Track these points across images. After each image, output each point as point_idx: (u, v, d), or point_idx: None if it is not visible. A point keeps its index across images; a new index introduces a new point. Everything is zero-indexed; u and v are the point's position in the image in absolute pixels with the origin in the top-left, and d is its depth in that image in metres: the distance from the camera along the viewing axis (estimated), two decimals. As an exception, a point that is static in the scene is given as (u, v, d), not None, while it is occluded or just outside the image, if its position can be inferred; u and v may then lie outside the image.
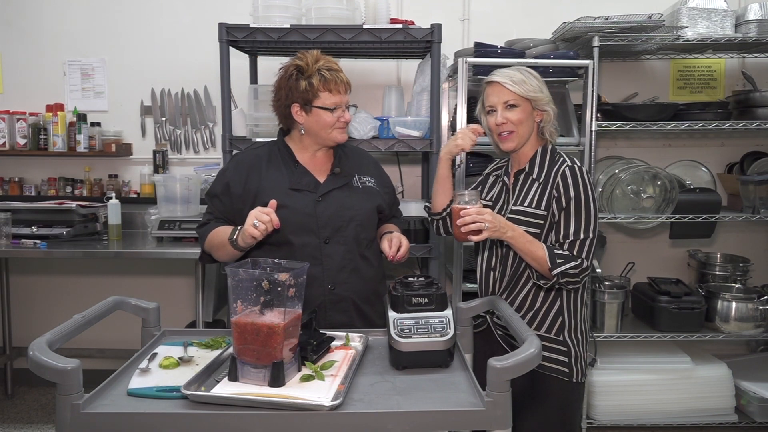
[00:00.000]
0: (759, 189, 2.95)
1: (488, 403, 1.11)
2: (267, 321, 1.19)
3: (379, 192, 1.90)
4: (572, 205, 1.69)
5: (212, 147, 3.47)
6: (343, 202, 1.80)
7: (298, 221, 1.74)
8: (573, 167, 1.73)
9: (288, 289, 1.20)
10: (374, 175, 1.93)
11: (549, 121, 1.79)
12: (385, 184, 1.97)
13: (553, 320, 1.77)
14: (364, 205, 1.83)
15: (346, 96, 1.80)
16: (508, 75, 1.75)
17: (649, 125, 2.87)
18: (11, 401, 3.42)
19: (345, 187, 1.83)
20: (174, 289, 3.54)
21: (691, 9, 2.87)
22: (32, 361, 1.09)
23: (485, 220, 1.60)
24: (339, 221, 1.78)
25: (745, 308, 2.92)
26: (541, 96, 1.75)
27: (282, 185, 1.78)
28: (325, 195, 1.79)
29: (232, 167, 1.85)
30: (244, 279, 1.21)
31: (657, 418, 2.99)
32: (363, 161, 1.95)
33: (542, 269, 1.68)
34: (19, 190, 3.45)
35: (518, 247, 1.68)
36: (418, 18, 2.84)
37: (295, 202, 1.76)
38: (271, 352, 1.19)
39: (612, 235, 3.39)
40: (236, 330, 1.21)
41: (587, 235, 1.69)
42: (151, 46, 3.43)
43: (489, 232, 1.61)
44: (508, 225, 1.66)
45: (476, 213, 1.60)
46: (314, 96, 1.74)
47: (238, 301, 1.22)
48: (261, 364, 1.20)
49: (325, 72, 1.74)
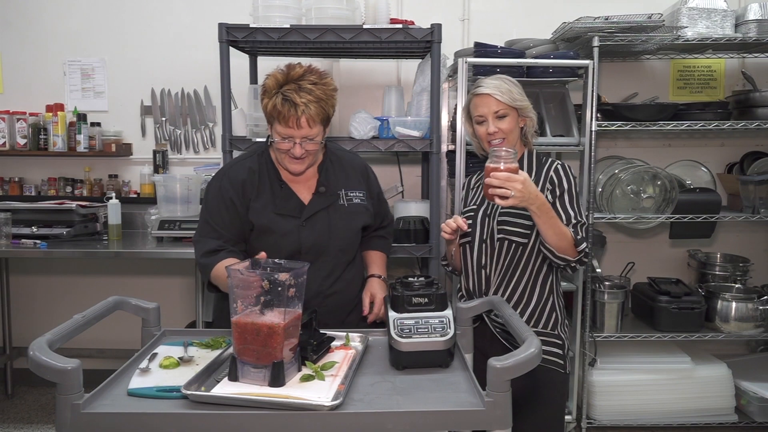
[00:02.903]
0: (759, 189, 2.95)
1: (488, 403, 1.11)
2: (267, 321, 1.19)
3: (367, 207, 1.85)
4: (566, 195, 1.80)
5: (212, 147, 3.47)
6: (328, 224, 1.75)
7: (284, 247, 1.70)
8: (563, 164, 1.86)
9: (288, 289, 1.20)
10: (362, 186, 1.87)
11: (531, 126, 1.89)
12: (373, 192, 1.91)
13: (548, 316, 1.84)
14: (349, 228, 1.79)
15: (303, 130, 1.63)
16: (496, 86, 1.81)
17: (648, 125, 2.87)
18: (11, 401, 3.42)
19: (330, 208, 1.78)
20: (174, 289, 3.54)
21: (691, 9, 2.87)
22: (32, 361, 1.09)
23: (514, 188, 1.56)
24: (322, 246, 1.74)
25: (745, 308, 2.92)
26: (526, 104, 1.85)
27: (268, 209, 1.73)
28: (309, 218, 1.74)
29: (227, 185, 1.74)
30: (244, 279, 1.21)
31: (657, 418, 2.99)
32: (350, 171, 1.87)
33: (564, 245, 1.70)
34: (19, 190, 3.45)
35: (543, 220, 1.66)
36: (418, 18, 2.84)
37: (281, 227, 1.71)
38: (271, 352, 1.19)
39: (612, 235, 3.39)
40: (236, 330, 1.21)
41: (582, 219, 1.79)
42: (151, 46, 3.43)
43: (516, 200, 1.57)
44: (538, 197, 1.62)
45: (506, 179, 1.56)
46: (269, 118, 1.67)
47: (238, 300, 1.22)
48: (261, 364, 1.20)
49: (279, 100, 1.61)
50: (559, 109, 3.02)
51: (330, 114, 1.70)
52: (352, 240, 1.82)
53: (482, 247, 1.85)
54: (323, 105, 1.65)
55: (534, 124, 1.89)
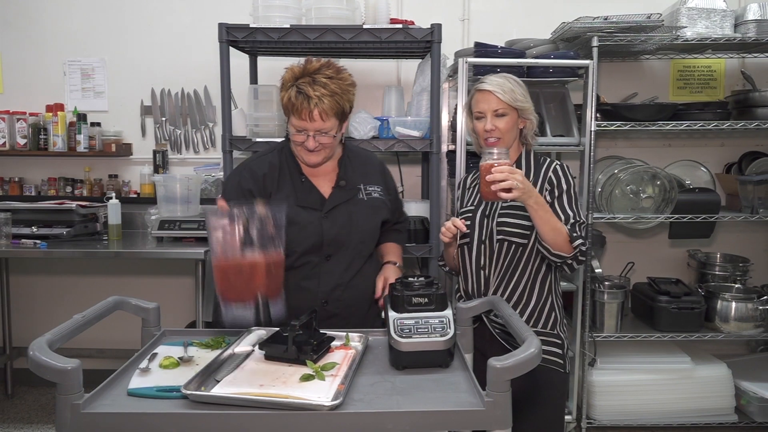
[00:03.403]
0: (758, 189, 2.95)
1: (488, 403, 1.11)
2: (249, 259, 1.18)
3: (385, 202, 1.86)
4: (564, 195, 1.79)
5: (212, 147, 3.47)
6: (349, 217, 1.77)
7: (305, 239, 1.72)
8: (562, 164, 1.85)
9: (266, 223, 1.19)
10: (380, 182, 1.89)
11: (531, 129, 1.88)
12: (390, 188, 1.94)
13: (547, 315, 1.84)
14: (370, 221, 1.80)
15: (316, 123, 1.65)
16: (499, 84, 1.80)
17: (648, 125, 2.87)
18: (11, 401, 3.42)
19: (351, 201, 1.79)
20: (174, 289, 3.54)
21: (691, 9, 2.87)
22: (32, 361, 1.09)
23: (516, 180, 1.59)
24: (343, 238, 1.75)
25: (745, 308, 2.92)
26: (528, 106, 1.83)
27: (289, 201, 1.73)
28: (331, 211, 1.76)
29: (247, 176, 1.77)
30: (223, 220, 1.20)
31: (657, 418, 2.99)
32: (369, 167, 1.89)
33: (559, 241, 1.70)
34: (19, 190, 3.45)
35: (540, 215, 1.67)
36: (418, 18, 2.84)
37: (302, 219, 1.73)
38: (254, 288, 1.18)
39: (611, 235, 3.39)
40: (218, 273, 1.20)
41: (581, 219, 1.78)
42: (151, 46, 3.43)
43: (519, 192, 1.59)
44: (534, 191, 1.65)
45: (509, 171, 1.59)
46: (285, 111, 1.71)
47: (218, 244, 1.21)
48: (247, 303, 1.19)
49: (293, 93, 1.64)
50: (559, 109, 3.03)
51: (346, 109, 1.71)
52: (373, 234, 1.83)
53: (481, 248, 1.85)
54: (338, 99, 1.66)
55: (534, 127, 1.88)
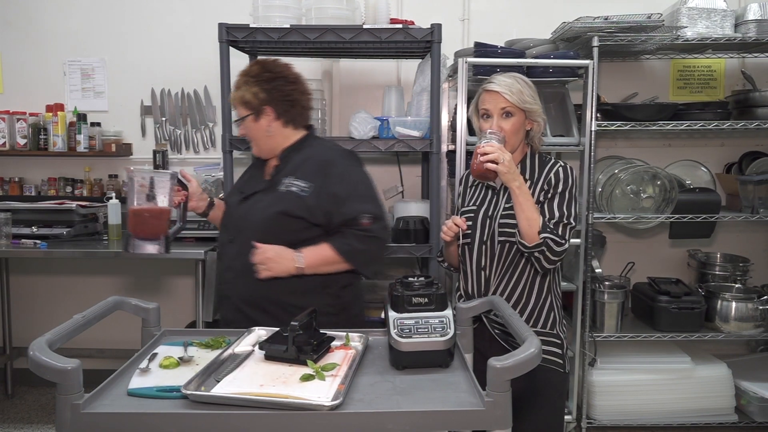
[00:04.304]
0: (758, 189, 2.95)
1: (488, 403, 1.11)
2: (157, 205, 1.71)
3: (301, 197, 1.77)
4: (558, 196, 1.78)
5: (212, 147, 3.47)
6: (254, 205, 1.85)
7: (224, 220, 1.96)
8: (566, 166, 1.82)
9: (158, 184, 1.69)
10: (313, 179, 1.79)
11: (538, 131, 1.86)
12: (325, 188, 1.78)
13: (547, 315, 1.83)
14: (266, 210, 1.80)
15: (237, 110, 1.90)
16: (507, 84, 1.79)
17: (648, 125, 2.87)
18: (11, 401, 3.42)
19: (266, 191, 1.86)
20: (174, 289, 3.54)
21: (691, 9, 2.87)
22: (32, 361, 1.09)
23: (505, 159, 1.68)
24: (242, 223, 1.85)
25: (745, 308, 2.92)
26: (536, 108, 1.82)
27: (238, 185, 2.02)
28: (247, 198, 1.89)
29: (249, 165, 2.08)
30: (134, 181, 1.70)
31: (657, 418, 2.99)
32: (307, 163, 1.83)
33: (530, 230, 1.70)
34: (19, 190, 3.44)
35: (520, 201, 1.71)
36: (418, 18, 2.84)
37: (230, 201, 1.97)
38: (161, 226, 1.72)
39: (612, 235, 3.39)
40: (134, 215, 1.70)
41: (569, 221, 1.77)
42: (151, 46, 3.43)
43: (504, 168, 1.68)
44: (520, 177, 1.72)
45: (499, 149, 1.69)
46: None
47: (134, 196, 1.69)
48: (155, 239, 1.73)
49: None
50: (559, 109, 3.03)
51: (246, 98, 1.84)
52: (267, 224, 1.78)
53: (482, 249, 1.85)
54: (240, 90, 1.86)
55: (541, 129, 1.85)
